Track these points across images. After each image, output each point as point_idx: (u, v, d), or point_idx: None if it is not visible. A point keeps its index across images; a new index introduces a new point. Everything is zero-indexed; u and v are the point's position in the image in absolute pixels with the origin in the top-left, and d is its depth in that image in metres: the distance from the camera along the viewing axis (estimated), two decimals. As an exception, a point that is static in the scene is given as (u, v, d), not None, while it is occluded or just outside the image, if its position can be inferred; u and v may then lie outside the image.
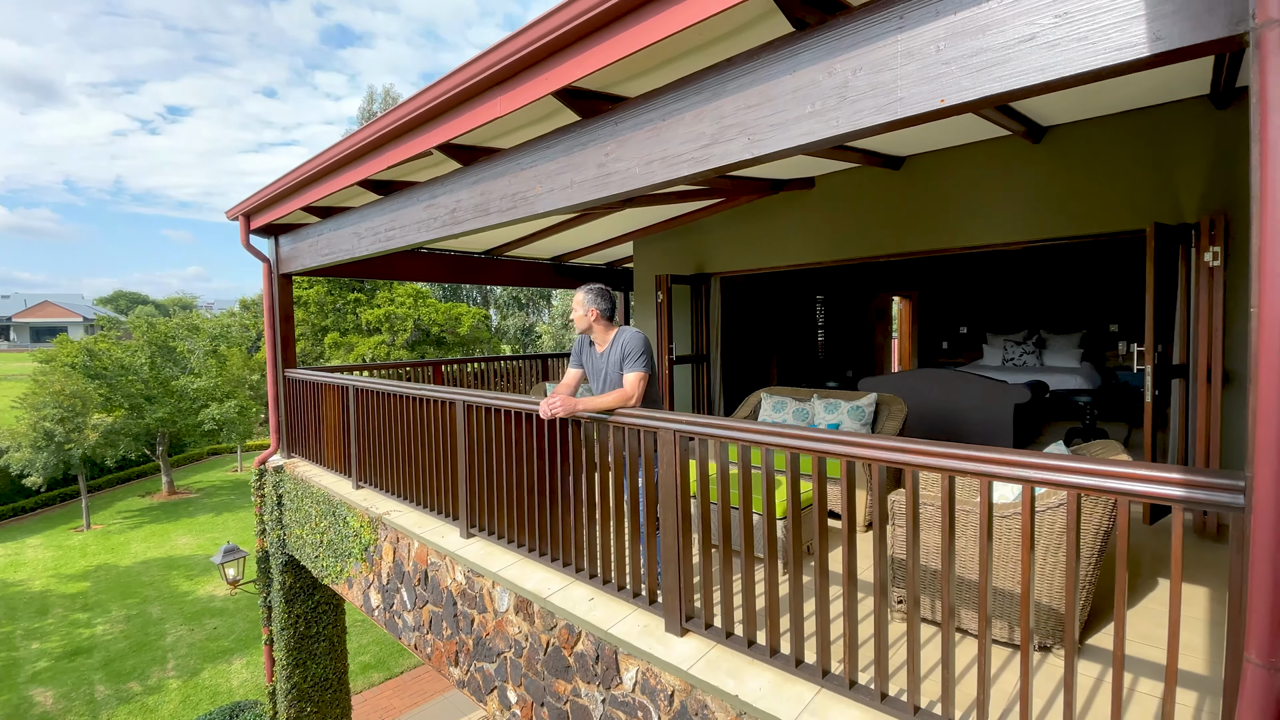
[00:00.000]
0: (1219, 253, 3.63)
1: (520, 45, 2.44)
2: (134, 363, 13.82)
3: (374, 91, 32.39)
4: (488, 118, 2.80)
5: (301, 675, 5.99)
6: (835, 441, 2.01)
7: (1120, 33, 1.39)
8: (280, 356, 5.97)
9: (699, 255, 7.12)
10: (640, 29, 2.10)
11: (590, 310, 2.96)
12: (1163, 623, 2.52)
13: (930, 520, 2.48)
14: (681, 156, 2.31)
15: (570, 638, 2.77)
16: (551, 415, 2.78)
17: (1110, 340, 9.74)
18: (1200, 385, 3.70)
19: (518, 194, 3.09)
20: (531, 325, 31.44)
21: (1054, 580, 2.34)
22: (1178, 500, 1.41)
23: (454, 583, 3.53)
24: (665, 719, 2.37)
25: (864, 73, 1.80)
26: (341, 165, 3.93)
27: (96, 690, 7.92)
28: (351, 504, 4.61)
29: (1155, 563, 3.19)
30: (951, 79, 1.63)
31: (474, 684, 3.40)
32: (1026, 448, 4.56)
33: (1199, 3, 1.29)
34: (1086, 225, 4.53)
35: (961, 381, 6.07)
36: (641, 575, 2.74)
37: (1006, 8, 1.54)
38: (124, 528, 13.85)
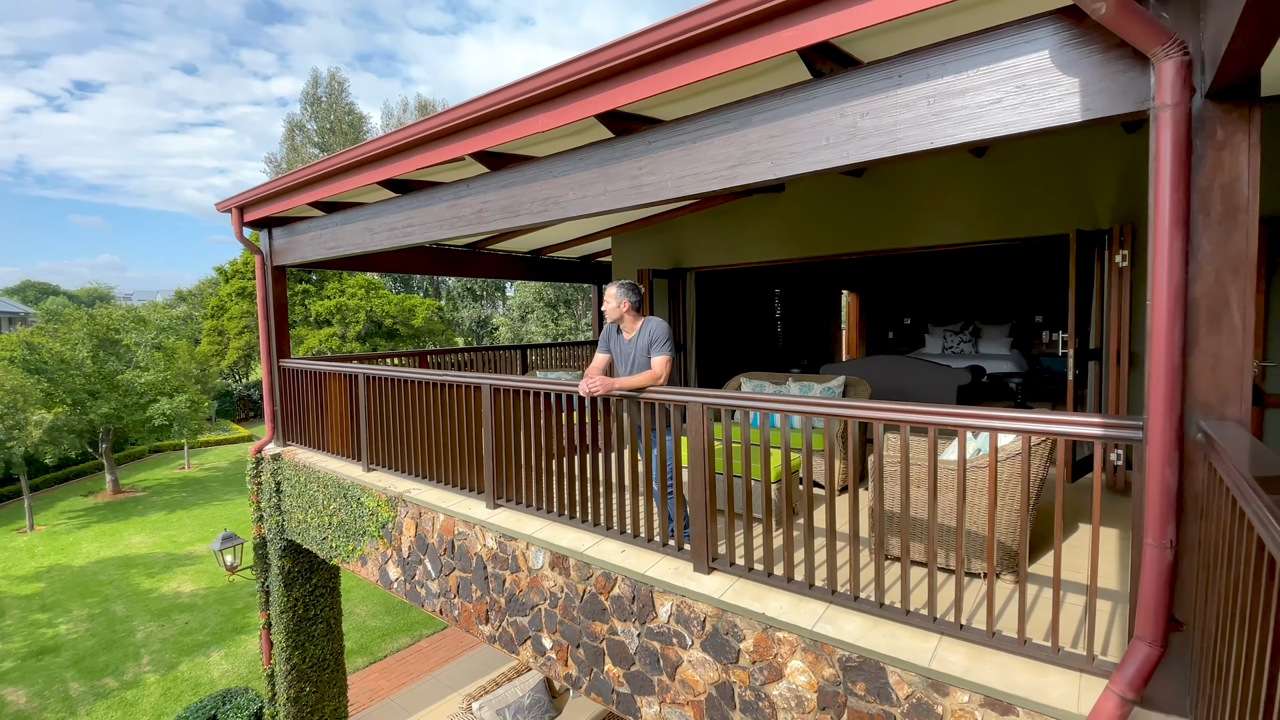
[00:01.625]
0: (1127, 255, 4.37)
1: (569, 72, 2.83)
2: (75, 356, 13.17)
3: (319, 75, 31.36)
4: (528, 132, 3.17)
5: (301, 657, 6.17)
6: (843, 406, 2.53)
7: (1061, 103, 1.93)
8: (275, 347, 6.10)
9: (676, 251, 7.60)
10: (681, 69, 2.54)
11: (623, 302, 3.39)
12: (1084, 555, 3.16)
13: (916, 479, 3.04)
14: (711, 174, 2.77)
15: (607, 584, 3.21)
16: (590, 393, 3.20)
17: (1035, 330, 10.82)
18: (1111, 366, 4.44)
19: (549, 198, 3.48)
20: (487, 317, 31.27)
21: (1004, 520, 2.93)
22: (1099, 436, 1.98)
23: (484, 549, 3.89)
24: (698, 641, 2.85)
25: (869, 117, 2.30)
26: (365, 164, 4.17)
27: (70, 688, 7.78)
28: (366, 485, 4.88)
29: (1076, 515, 3.88)
30: (939, 127, 2.14)
31: (505, 637, 3.79)
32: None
33: (1116, 87, 1.84)
34: (1021, 229, 5.25)
35: (911, 366, 6.78)
36: (670, 529, 3.21)
37: (980, 77, 2.06)
38: (71, 528, 13.24)
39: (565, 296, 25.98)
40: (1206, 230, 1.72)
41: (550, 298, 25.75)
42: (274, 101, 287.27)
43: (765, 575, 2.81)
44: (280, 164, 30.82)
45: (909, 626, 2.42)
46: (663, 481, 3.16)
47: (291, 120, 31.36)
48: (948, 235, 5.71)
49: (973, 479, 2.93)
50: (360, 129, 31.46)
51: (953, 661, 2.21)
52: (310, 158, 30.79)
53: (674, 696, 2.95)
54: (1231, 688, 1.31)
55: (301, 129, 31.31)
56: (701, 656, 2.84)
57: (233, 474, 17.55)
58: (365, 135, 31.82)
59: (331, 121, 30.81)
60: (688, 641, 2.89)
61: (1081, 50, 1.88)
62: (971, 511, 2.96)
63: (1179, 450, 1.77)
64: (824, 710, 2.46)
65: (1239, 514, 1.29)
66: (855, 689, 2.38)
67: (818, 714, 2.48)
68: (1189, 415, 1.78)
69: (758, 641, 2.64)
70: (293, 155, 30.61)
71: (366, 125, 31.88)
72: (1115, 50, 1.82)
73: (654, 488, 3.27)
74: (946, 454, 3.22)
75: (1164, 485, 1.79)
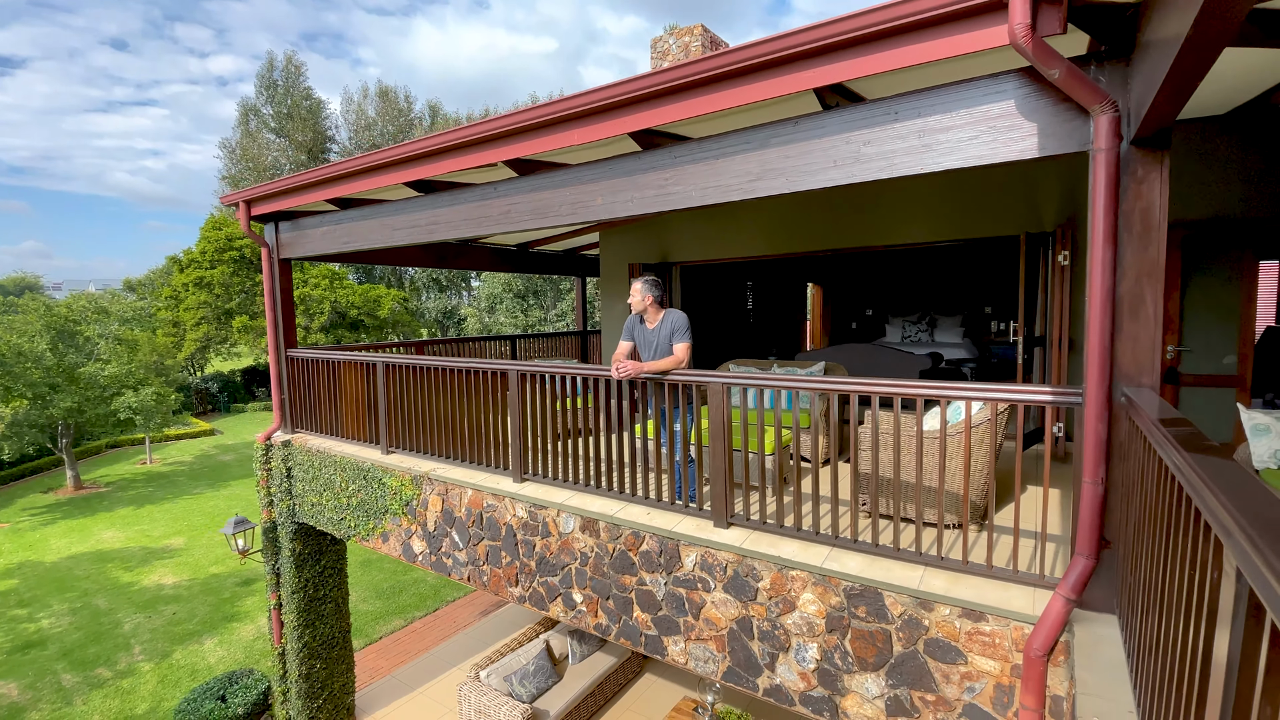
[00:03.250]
0: (1068, 255, 5.04)
1: (608, 95, 3.24)
2: (34, 349, 12.73)
3: (274, 59, 30.35)
4: (563, 144, 3.57)
5: (311, 635, 6.43)
6: (846, 383, 3.05)
7: (1023, 142, 2.46)
8: (282, 337, 6.30)
9: (663, 246, 8.05)
10: (712, 97, 2.99)
11: (647, 296, 3.83)
12: (1036, 509, 3.79)
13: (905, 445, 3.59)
14: (732, 187, 3.23)
15: (636, 541, 3.67)
16: (622, 376, 3.64)
17: (986, 320, 11.72)
18: (1054, 351, 5.13)
19: (578, 202, 3.88)
20: (454, 308, 31.08)
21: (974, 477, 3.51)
22: (1050, 402, 2.55)
23: (514, 518, 4.30)
24: (720, 584, 3.35)
25: (871, 145, 2.80)
26: (396, 165, 4.46)
27: (63, 679, 7.77)
28: (387, 467, 5.20)
29: (1026, 479, 4.53)
30: (929, 156, 2.66)
31: (535, 596, 4.22)
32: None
33: (1064, 131, 2.38)
34: (976, 231, 5.90)
35: (879, 353, 7.43)
36: (691, 492, 3.69)
37: (961, 118, 2.58)
38: (35, 525, 12.83)
39: (534, 288, 26.10)
40: (1129, 244, 2.28)
41: (519, 288, 25.84)
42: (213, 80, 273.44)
43: (778, 527, 3.33)
44: (235, 149, 29.78)
45: (900, 561, 2.96)
46: (685, 452, 3.63)
47: (245, 104, 30.31)
48: (911, 235, 6.33)
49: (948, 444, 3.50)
50: (319, 114, 30.64)
51: (936, 585, 2.77)
52: (267, 143, 29.88)
53: (698, 633, 3.44)
54: (1143, 579, 1.87)
55: (256, 113, 30.29)
56: (724, 597, 3.34)
57: (198, 468, 17.21)
58: (324, 121, 31.03)
59: (289, 106, 29.92)
60: (711, 586, 3.38)
61: (1040, 102, 2.42)
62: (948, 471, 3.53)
63: (1108, 410, 2.34)
64: (831, 632, 2.99)
65: (1149, 448, 1.84)
66: (858, 613, 2.91)
67: (826, 636, 3.01)
68: (1116, 384, 2.36)
69: (774, 580, 3.16)
70: (247, 140, 29.59)
71: (325, 111, 31.08)
72: (1064, 104, 2.36)
73: (675, 458, 3.74)
74: (926, 424, 3.79)
75: (1097, 436, 2.37)
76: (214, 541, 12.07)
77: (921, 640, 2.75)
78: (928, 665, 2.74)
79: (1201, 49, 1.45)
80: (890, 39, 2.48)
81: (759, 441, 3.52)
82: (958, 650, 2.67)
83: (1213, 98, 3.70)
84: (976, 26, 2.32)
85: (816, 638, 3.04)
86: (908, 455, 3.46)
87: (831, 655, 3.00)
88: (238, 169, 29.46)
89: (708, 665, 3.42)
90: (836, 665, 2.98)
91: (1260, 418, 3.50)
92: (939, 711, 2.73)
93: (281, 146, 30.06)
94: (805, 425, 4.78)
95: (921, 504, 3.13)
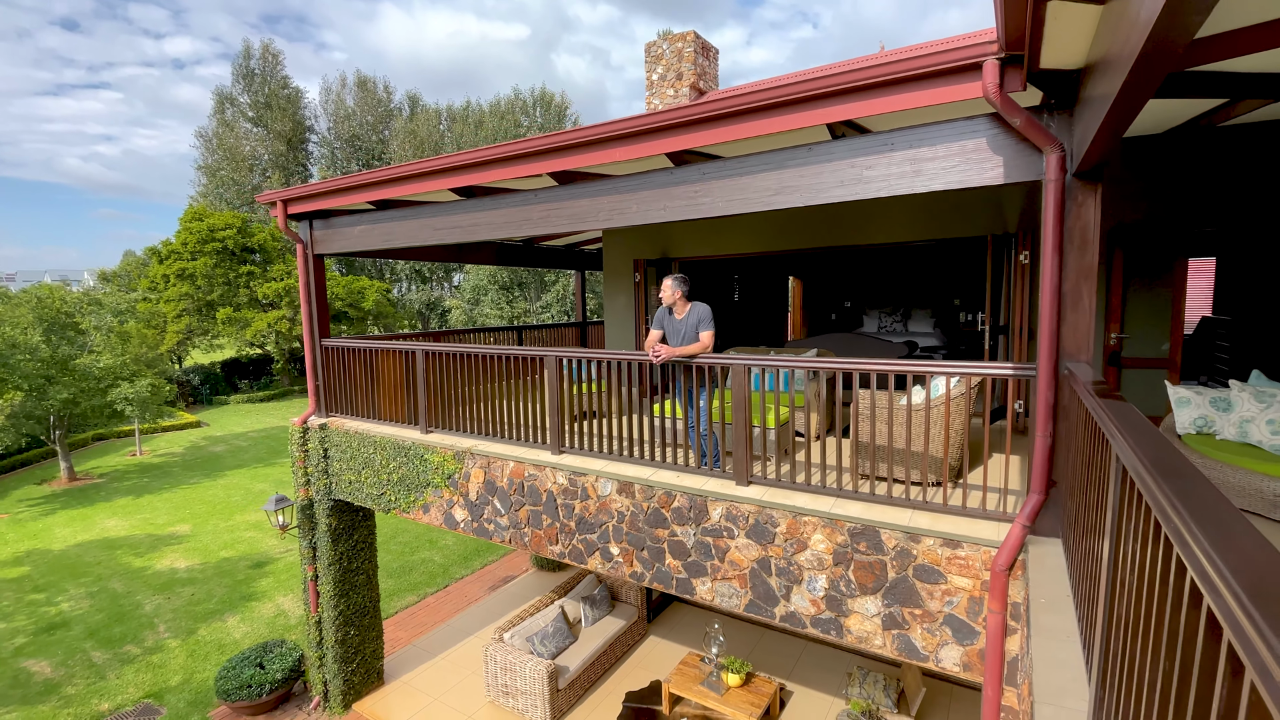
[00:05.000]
0: (1028, 254, 5.80)
1: (648, 121, 3.84)
2: (27, 341, 12.76)
3: (250, 47, 29.93)
4: (605, 160, 4.16)
5: (346, 604, 6.94)
6: (850, 363, 3.71)
7: (993, 171, 3.14)
8: (317, 328, 6.76)
9: (663, 242, 8.66)
10: (741, 126, 3.60)
11: (676, 291, 4.46)
12: (1000, 470, 4.52)
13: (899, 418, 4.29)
14: (754, 200, 3.87)
15: (668, 499, 4.30)
16: (659, 360, 4.26)
17: (955, 312, 12.62)
18: (1015, 338, 5.89)
19: (615, 209, 4.47)
20: (438, 299, 31.23)
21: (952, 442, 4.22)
22: (1011, 374, 3.25)
23: (554, 485, 4.90)
24: (743, 531, 4.00)
25: (871, 170, 3.46)
26: (444, 172, 4.97)
27: (93, 656, 8.12)
28: (428, 445, 5.74)
29: (992, 448, 5.28)
30: (918, 180, 3.33)
31: (575, 552, 4.83)
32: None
33: (1024, 164, 3.06)
34: (948, 232, 6.64)
35: (860, 341, 8.19)
36: (716, 456, 4.34)
37: (945, 149, 3.25)
38: (34, 515, 12.92)
39: (519, 280, 26.47)
40: (1071, 252, 2.97)
41: (504, 280, 26.17)
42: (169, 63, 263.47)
43: (791, 483, 4.00)
44: (211, 138, 29.36)
45: (893, 507, 3.66)
46: (709, 424, 4.27)
47: (221, 92, 29.85)
48: (888, 235, 7.05)
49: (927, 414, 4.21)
50: (298, 104, 30.36)
51: (922, 522, 3.46)
52: (244, 133, 29.52)
53: (723, 574, 4.10)
54: (1075, 505, 2.56)
55: (233, 102, 29.87)
56: (746, 542, 4.00)
57: (191, 459, 17.32)
58: (303, 111, 30.76)
59: (266, 95, 29.57)
60: (735, 533, 4.04)
61: (1005, 140, 3.10)
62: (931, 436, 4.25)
63: (1055, 379, 3.05)
64: (837, 565, 3.67)
65: (1081, 406, 2.53)
66: (859, 547, 3.60)
67: (833, 568, 3.69)
68: (1061, 360, 3.06)
69: (789, 525, 3.82)
70: (224, 130, 29.21)
71: (305, 100, 30.80)
72: (1024, 143, 3.04)
73: (701, 430, 4.38)
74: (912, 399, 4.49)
75: (1046, 400, 3.07)
76: (220, 528, 12.38)
77: (911, 566, 3.45)
78: (916, 586, 3.45)
79: (1128, 104, 2.10)
80: (891, 86, 3.13)
81: (764, 417, 4.18)
82: (939, 572, 3.38)
83: (1148, 124, 4.45)
84: (958, 81, 2.98)
85: (825, 570, 3.72)
86: (899, 426, 4.15)
87: (837, 584, 3.68)
88: (214, 159, 29.07)
89: (731, 600, 4.09)
90: (841, 591, 3.67)
91: (1183, 392, 4.31)
92: (925, 622, 3.43)
93: (260, 136, 29.74)
94: (800, 405, 5.47)
95: (909, 466, 3.83)
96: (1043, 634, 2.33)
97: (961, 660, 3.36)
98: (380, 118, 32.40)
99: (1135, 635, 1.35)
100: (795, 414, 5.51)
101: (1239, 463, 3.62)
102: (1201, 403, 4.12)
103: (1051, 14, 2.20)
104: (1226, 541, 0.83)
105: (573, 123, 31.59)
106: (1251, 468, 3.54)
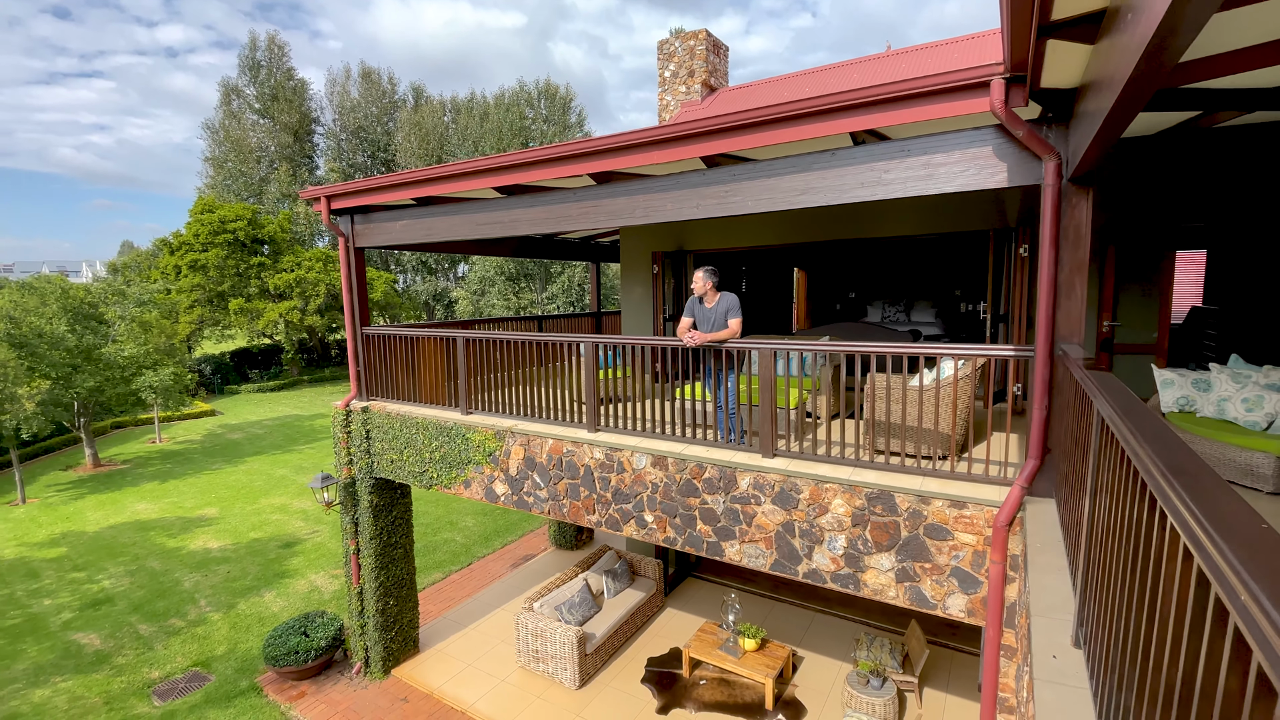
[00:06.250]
0: (1027, 248, 6.22)
1: (683, 128, 4.24)
2: (54, 331, 13.14)
3: (256, 38, 30.06)
4: (642, 164, 4.56)
5: (386, 575, 7.40)
6: (867, 346, 4.14)
7: (999, 175, 3.56)
8: (358, 316, 7.17)
9: (679, 236, 9.05)
10: (771, 134, 4.01)
11: (707, 282, 4.88)
12: (1000, 446, 4.96)
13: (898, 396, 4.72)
14: (780, 199, 4.28)
15: (700, 471, 4.74)
16: (691, 345, 4.69)
17: (956, 302, 13.04)
18: (1015, 326, 6.32)
19: (651, 207, 4.88)
20: (444, 290, 31.56)
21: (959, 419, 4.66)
22: (1012, 355, 3.69)
23: (591, 460, 5.33)
24: (769, 498, 4.45)
25: (890, 173, 3.87)
26: (487, 172, 5.37)
27: (139, 629, 8.57)
28: (469, 425, 6.17)
29: (994, 428, 5.72)
30: (932, 183, 3.74)
31: (611, 521, 5.28)
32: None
33: (1026, 170, 3.48)
34: (953, 225, 7.05)
35: (867, 330, 8.62)
36: (743, 431, 4.77)
37: (956, 155, 3.66)
38: (64, 499, 13.36)
39: (525, 271, 26.84)
40: (1065, 248, 3.40)
41: (510, 271, 26.54)
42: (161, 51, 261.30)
43: (813, 455, 4.44)
44: (218, 130, 29.58)
45: (905, 474, 4.10)
46: (737, 402, 4.70)
47: (227, 84, 30.02)
48: (895, 229, 7.46)
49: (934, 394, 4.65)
50: (304, 95, 30.56)
51: (932, 487, 3.91)
52: (250, 124, 29.74)
53: (750, 537, 4.55)
54: (1066, 467, 3.00)
55: (239, 93, 30.06)
56: (772, 508, 4.44)
57: (210, 446, 17.75)
58: (309, 103, 30.96)
59: (272, 88, 29.76)
60: (761, 500, 4.49)
61: (1009, 149, 3.51)
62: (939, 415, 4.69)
63: (1050, 359, 3.48)
64: (855, 526, 4.12)
65: (1073, 381, 2.96)
66: (875, 510, 4.04)
67: (851, 529, 4.14)
68: (1056, 342, 3.49)
69: (812, 492, 4.27)
70: (230, 121, 29.42)
71: (310, 91, 31.00)
72: (1025, 151, 3.46)
73: (729, 408, 4.82)
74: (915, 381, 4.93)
75: (1043, 377, 3.51)
76: (247, 510, 12.82)
77: (922, 526, 3.90)
78: (926, 543, 3.90)
79: (1118, 119, 2.50)
80: (911, 100, 3.54)
81: (788, 397, 4.61)
82: (947, 530, 3.83)
83: (1140, 127, 4.86)
84: (968, 97, 3.39)
85: (844, 531, 4.17)
86: (911, 405, 4.59)
87: (855, 543, 4.13)
88: (221, 150, 29.29)
89: (758, 560, 4.54)
90: (859, 549, 4.12)
91: (1167, 374, 4.75)
92: (934, 575, 3.89)
93: (267, 128, 29.95)
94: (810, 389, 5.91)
95: (920, 442, 4.27)
96: (1038, 569, 2.77)
97: (966, 607, 3.81)
98: (385, 109, 32.60)
99: (1105, 541, 1.79)
100: (807, 397, 5.95)
101: (1216, 436, 4.06)
102: (1184, 384, 4.56)
103: (1050, 48, 2.61)
104: (1161, 444, 1.27)
105: (577, 115, 31.83)
106: (1226, 440, 3.98)
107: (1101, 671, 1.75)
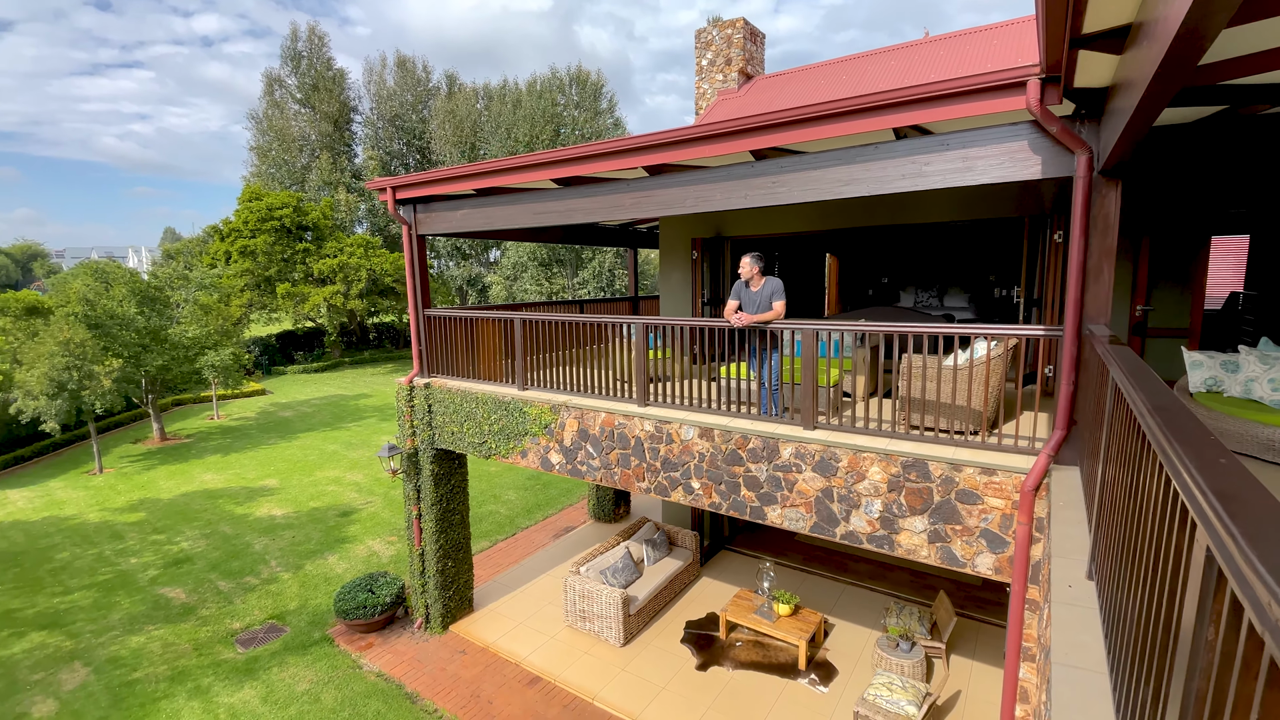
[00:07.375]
0: (1062, 234, 6.42)
1: (735, 124, 4.59)
2: (124, 313, 14.12)
3: (298, 29, 30.88)
4: (695, 157, 4.92)
5: (445, 539, 7.99)
6: (908, 326, 4.47)
7: (1032, 168, 3.85)
8: (420, 299, 7.69)
9: (717, 223, 9.37)
10: (819, 129, 4.34)
11: (754, 267, 5.24)
12: (1029, 423, 5.25)
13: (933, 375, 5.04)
14: (825, 190, 4.61)
15: (744, 441, 5.15)
16: (739, 325, 5.07)
17: (989, 287, 13.12)
18: (1048, 310, 6.54)
19: (701, 197, 5.24)
20: (478, 275, 32.30)
21: (991, 396, 4.96)
22: (1043, 335, 3.99)
23: (642, 431, 5.77)
24: (810, 467, 4.83)
25: (930, 165, 4.18)
26: (546, 165, 5.78)
27: (219, 585, 9.37)
28: (526, 400, 6.65)
29: (1024, 408, 5.99)
30: (969, 174, 4.04)
31: (660, 487, 5.72)
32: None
33: (1059, 163, 3.76)
34: (988, 212, 7.25)
35: (902, 314, 8.86)
36: (785, 405, 5.15)
37: (992, 149, 3.96)
38: (137, 470, 14.43)
39: (558, 256, 27.34)
40: (1095, 236, 3.68)
41: (544, 257, 27.08)
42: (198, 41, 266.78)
43: (850, 427, 4.80)
44: (262, 119, 30.60)
45: (939, 445, 4.45)
46: (780, 379, 5.08)
47: (270, 75, 30.98)
48: (929, 215, 7.67)
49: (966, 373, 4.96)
50: (342, 84, 31.36)
51: (964, 455, 4.25)
52: (293, 114, 30.68)
53: (791, 502, 4.95)
54: (1089, 436, 3.32)
55: (281, 84, 30.99)
56: (812, 475, 4.83)
57: (265, 423, 18.74)
58: (347, 91, 31.75)
59: (313, 77, 30.61)
60: (802, 469, 4.87)
61: (1043, 143, 3.79)
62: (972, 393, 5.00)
63: (1078, 338, 3.79)
64: (891, 491, 4.49)
65: (1098, 358, 3.27)
66: (910, 477, 4.40)
67: (886, 494, 4.51)
68: (1084, 322, 3.79)
69: (850, 460, 4.64)
70: (274, 111, 30.40)
71: (349, 80, 31.78)
72: (1058, 146, 3.74)
73: (771, 384, 5.20)
74: (949, 361, 5.24)
75: (1071, 354, 3.82)
76: (305, 482, 13.65)
77: (954, 491, 4.25)
78: (957, 507, 4.25)
79: (1145, 115, 2.78)
80: (952, 98, 3.83)
81: (828, 375, 4.97)
82: (977, 495, 4.17)
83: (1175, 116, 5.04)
84: (1006, 95, 3.68)
85: (880, 496, 4.54)
86: (945, 384, 4.92)
87: (890, 507, 4.50)
88: (265, 139, 30.28)
89: (798, 523, 4.94)
90: (894, 513, 4.49)
91: (1197, 356, 4.98)
92: (964, 536, 4.24)
93: (309, 117, 30.84)
94: (848, 369, 6.24)
95: (952, 417, 4.60)
96: (1061, 522, 3.12)
97: (994, 565, 4.17)
98: (419, 97, 33.23)
99: (1114, 486, 2.15)
100: (844, 377, 6.29)
101: (1241, 414, 4.30)
102: (1213, 365, 4.79)
103: (1082, 57, 2.91)
104: (1151, 390, 1.63)
105: (608, 100, 32.03)
106: (1251, 418, 4.23)
107: (1108, 592, 2.12)
